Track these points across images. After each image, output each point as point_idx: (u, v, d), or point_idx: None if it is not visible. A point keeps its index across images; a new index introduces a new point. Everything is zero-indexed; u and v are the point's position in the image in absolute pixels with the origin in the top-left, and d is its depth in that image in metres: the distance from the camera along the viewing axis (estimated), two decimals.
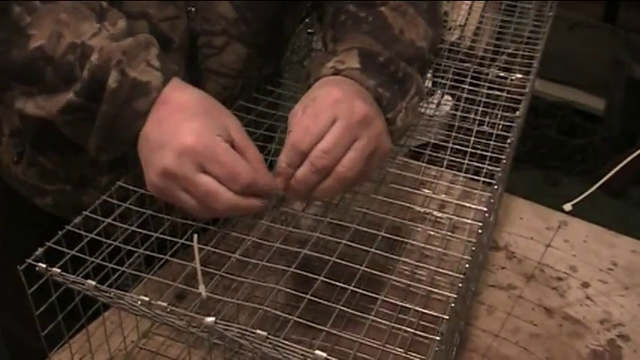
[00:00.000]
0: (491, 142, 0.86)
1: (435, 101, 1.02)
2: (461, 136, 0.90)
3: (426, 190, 0.87)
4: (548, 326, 0.89)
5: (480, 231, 0.71)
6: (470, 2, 1.28)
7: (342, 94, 0.69)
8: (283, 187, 0.69)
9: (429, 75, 1.02)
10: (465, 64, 0.96)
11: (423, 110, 1.02)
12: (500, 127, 0.87)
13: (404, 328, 0.67)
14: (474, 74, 0.94)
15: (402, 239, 0.76)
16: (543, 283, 0.96)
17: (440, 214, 0.86)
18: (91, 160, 0.83)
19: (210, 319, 0.57)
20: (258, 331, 0.55)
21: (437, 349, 0.59)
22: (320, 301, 0.62)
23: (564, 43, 1.86)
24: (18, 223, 0.96)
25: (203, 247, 0.67)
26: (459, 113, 0.92)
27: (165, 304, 0.59)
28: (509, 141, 0.83)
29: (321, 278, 0.64)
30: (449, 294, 0.64)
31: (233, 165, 0.64)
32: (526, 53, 0.97)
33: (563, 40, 1.81)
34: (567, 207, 1.15)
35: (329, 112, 0.67)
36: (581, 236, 1.05)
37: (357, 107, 0.68)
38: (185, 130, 0.64)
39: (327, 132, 0.67)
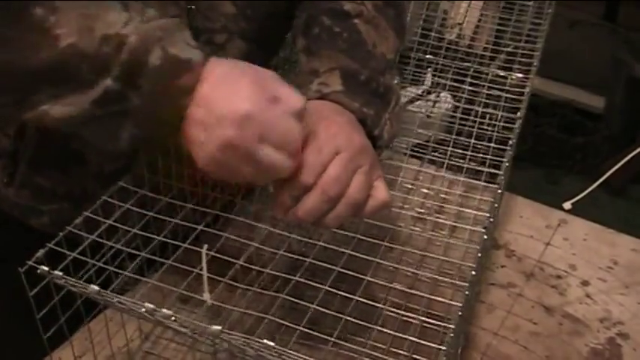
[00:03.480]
0: (492, 145, 0.86)
1: (434, 100, 1.02)
2: (462, 138, 0.90)
3: (426, 191, 0.87)
4: (547, 325, 0.89)
5: (485, 237, 0.71)
6: (468, 0, 1.28)
7: (338, 128, 0.71)
8: (283, 217, 0.71)
9: (429, 75, 1.02)
10: (465, 64, 0.95)
11: (424, 110, 1.02)
12: (501, 127, 0.87)
13: (406, 337, 0.66)
14: (474, 74, 0.94)
15: (402, 242, 0.76)
16: (543, 281, 0.96)
17: (440, 216, 0.86)
18: (93, 173, 0.82)
19: (216, 328, 0.57)
20: (265, 341, 0.55)
21: (445, 357, 0.59)
22: (324, 310, 0.62)
23: (564, 42, 1.86)
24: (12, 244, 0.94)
25: (209, 252, 0.67)
26: (458, 114, 0.92)
27: (170, 312, 0.58)
28: (510, 143, 0.83)
29: (326, 287, 0.64)
30: (453, 303, 0.64)
31: (289, 132, 0.65)
32: (526, 52, 0.97)
33: (563, 39, 1.81)
34: (567, 205, 1.15)
35: (330, 145, 0.69)
36: (581, 235, 1.05)
37: (355, 139, 0.71)
38: (239, 99, 0.64)
39: (330, 163, 0.69)
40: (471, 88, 0.93)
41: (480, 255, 0.69)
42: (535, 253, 1.01)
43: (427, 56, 0.97)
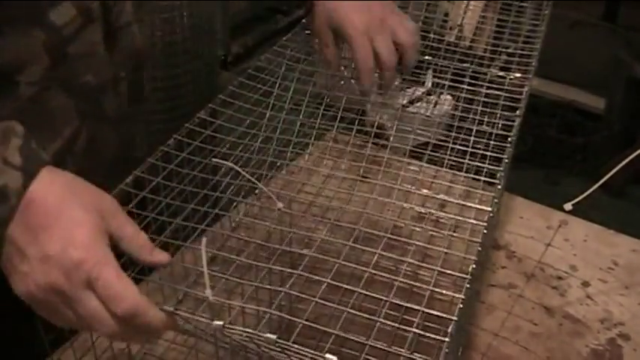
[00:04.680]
0: (492, 142, 0.86)
1: (435, 101, 1.02)
2: (461, 135, 0.90)
3: (426, 190, 0.87)
4: (548, 325, 0.89)
5: (485, 231, 0.71)
6: (467, 2, 1.28)
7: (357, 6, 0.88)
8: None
9: (429, 76, 1.02)
10: (464, 64, 0.95)
11: (423, 111, 1.02)
12: (500, 126, 0.87)
13: (410, 329, 0.66)
14: (473, 74, 0.94)
15: (403, 239, 0.76)
16: (543, 282, 0.96)
17: (441, 214, 0.86)
18: None
19: (218, 323, 0.57)
20: (268, 335, 0.55)
21: (447, 350, 0.59)
22: (326, 303, 0.62)
23: (564, 42, 1.86)
24: None
25: (210, 250, 0.67)
26: (458, 113, 0.92)
27: (171, 308, 0.58)
28: (510, 139, 0.83)
29: (328, 281, 0.64)
30: (455, 294, 0.64)
31: (119, 288, 0.59)
32: (524, 52, 0.97)
33: (563, 39, 1.81)
34: (567, 206, 1.14)
35: (363, 33, 0.88)
36: (582, 235, 1.05)
37: (372, 6, 0.89)
38: (76, 239, 0.60)
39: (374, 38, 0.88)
40: (469, 87, 0.93)
41: (480, 249, 0.69)
42: (535, 253, 1.01)
43: (426, 57, 0.97)
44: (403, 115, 0.93)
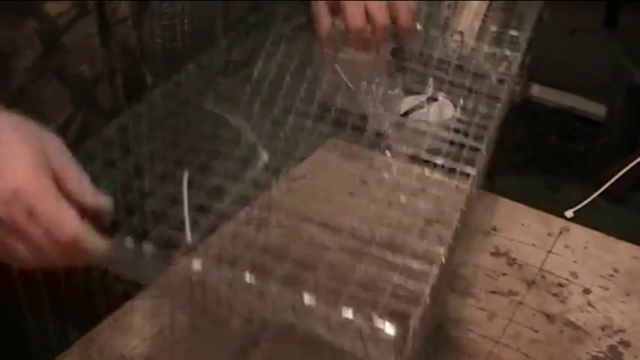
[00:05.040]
0: (471, 143, 0.84)
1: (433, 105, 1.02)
2: (440, 133, 0.88)
3: (420, 195, 0.86)
4: (549, 332, 0.89)
5: (457, 224, 0.69)
6: (463, 3, 1.28)
7: None
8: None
9: (429, 83, 1.02)
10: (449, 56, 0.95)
11: (424, 119, 1.02)
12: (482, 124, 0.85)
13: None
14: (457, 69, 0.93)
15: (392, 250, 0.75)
16: (544, 289, 0.96)
17: (419, 206, 0.84)
18: None
19: (197, 263, 0.56)
20: (246, 273, 0.54)
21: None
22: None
23: (564, 49, 1.86)
24: None
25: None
26: (453, 113, 0.92)
27: (151, 249, 0.58)
28: (485, 140, 0.81)
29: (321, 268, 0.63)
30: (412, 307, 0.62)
31: (59, 216, 0.60)
32: (511, 45, 0.96)
33: (563, 46, 1.82)
34: (569, 213, 1.14)
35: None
36: (583, 242, 1.04)
37: None
38: (13, 169, 0.60)
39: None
40: (455, 88, 0.92)
41: (451, 241, 0.67)
42: (536, 260, 1.00)
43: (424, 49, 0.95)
44: (404, 122, 0.93)
